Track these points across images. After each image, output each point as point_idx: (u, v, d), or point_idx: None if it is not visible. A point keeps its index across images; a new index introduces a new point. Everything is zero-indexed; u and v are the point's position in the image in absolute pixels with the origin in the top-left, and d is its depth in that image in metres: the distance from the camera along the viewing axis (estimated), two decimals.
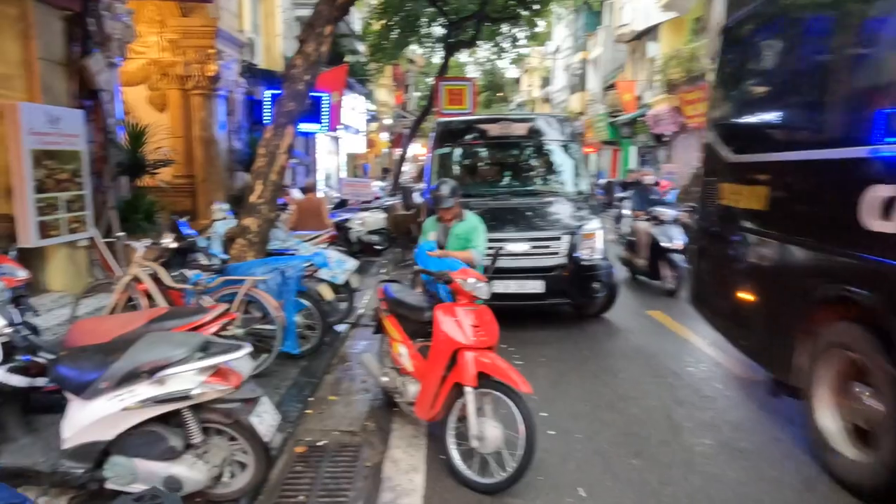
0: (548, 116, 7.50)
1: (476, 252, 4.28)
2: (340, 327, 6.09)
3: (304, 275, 4.87)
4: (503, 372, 3.22)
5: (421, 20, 19.87)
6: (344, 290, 6.15)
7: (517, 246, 5.87)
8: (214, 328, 3.26)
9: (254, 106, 11.77)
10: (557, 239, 5.98)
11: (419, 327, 3.82)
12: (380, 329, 4.41)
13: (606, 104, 29.35)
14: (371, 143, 26.05)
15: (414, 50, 27.86)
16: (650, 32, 24.25)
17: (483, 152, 7.26)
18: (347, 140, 21.27)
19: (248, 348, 2.75)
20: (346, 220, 9.94)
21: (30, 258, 6.09)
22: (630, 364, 5.36)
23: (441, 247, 4.37)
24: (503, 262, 5.92)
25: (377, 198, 13.69)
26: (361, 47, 21.02)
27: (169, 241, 4.84)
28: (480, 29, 18.99)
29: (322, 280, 5.28)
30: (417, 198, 7.11)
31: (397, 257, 11.23)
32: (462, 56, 29.74)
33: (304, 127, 11.52)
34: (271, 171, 5.36)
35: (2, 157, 5.64)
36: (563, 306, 6.46)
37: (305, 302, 5.00)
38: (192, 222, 7.59)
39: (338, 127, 14.32)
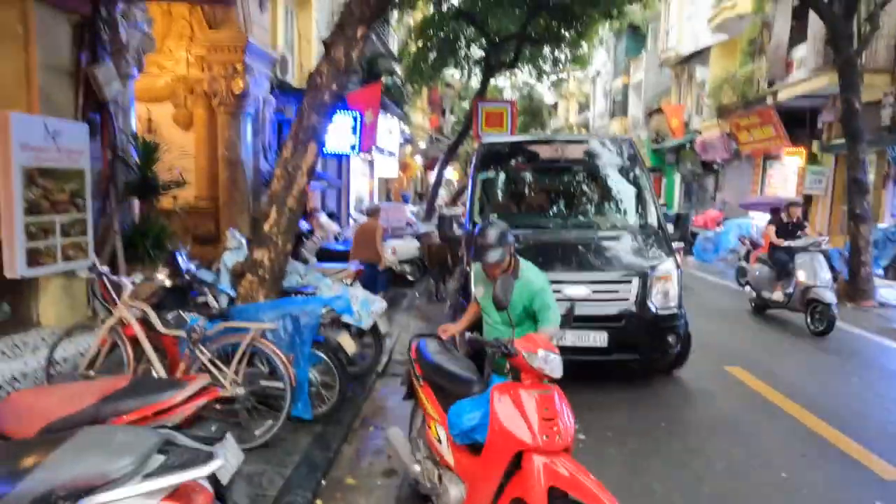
0: (606, 138, 6.54)
1: (551, 327, 3.12)
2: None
3: (322, 322, 4.00)
4: (586, 490, 2.26)
5: (460, 41, 19.33)
6: (370, 335, 5.26)
7: (576, 290, 4.91)
8: (189, 410, 2.38)
9: (283, 125, 11.16)
10: (626, 282, 4.99)
11: None
12: (412, 394, 3.50)
13: (649, 130, 28.25)
14: (405, 167, 25.44)
15: (452, 74, 27.41)
16: (698, 56, 23.21)
17: (533, 178, 6.34)
18: (381, 163, 20.66)
19: (218, 462, 1.86)
20: None
21: (18, 289, 5.40)
22: (722, 442, 4.30)
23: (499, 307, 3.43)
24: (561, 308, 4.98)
25: (409, 224, 12.89)
26: (398, 68, 20.51)
27: (161, 278, 4.04)
28: (521, 50, 18.31)
29: (344, 326, 4.38)
30: (456, 228, 6.22)
31: (430, 289, 10.34)
32: (499, 80, 29.14)
33: (335, 147, 10.82)
34: (289, 195, 4.55)
35: None
36: (629, 362, 5.43)
37: (322, 355, 4.11)
38: (214, 248, 6.84)
39: (371, 148, 13.64)
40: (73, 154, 5.52)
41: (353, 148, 10.80)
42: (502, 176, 6.43)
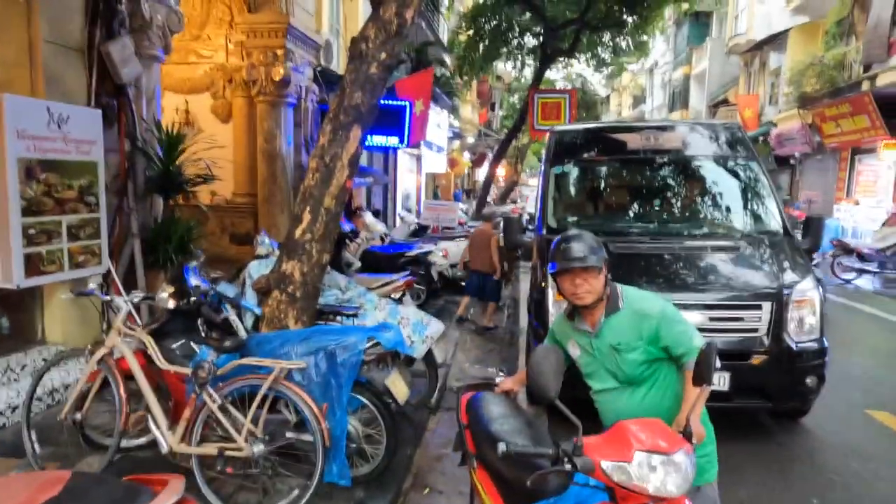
0: (710, 123, 5.36)
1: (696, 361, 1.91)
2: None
3: (366, 360, 3.05)
4: None
5: (513, 30, 18.22)
6: (422, 362, 4.30)
7: (688, 317, 3.79)
8: None
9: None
10: (754, 307, 3.84)
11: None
12: (466, 459, 2.52)
13: None
14: (453, 163, 24.48)
15: (503, 66, 26.25)
16: (773, 41, 21.33)
17: (618, 173, 5.23)
18: (429, 158, 19.75)
19: None
20: (428, 251, 8.15)
21: (20, 301, 4.69)
22: None
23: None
24: None
25: (461, 223, 11.91)
26: (447, 59, 19.53)
27: (165, 297, 3.17)
28: (579, 38, 17.07)
29: (394, 359, 3.40)
30: (518, 232, 5.17)
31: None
32: (550, 72, 27.73)
33: (382, 140, 9.93)
34: (325, 192, 3.62)
35: None
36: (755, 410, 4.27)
37: (365, 400, 3.16)
38: (252, 248, 6.02)
39: (420, 142, 12.71)
40: (84, 144, 4.77)
41: (401, 140, 9.89)
42: (580, 171, 5.34)
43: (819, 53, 16.90)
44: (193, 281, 3.28)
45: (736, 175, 4.97)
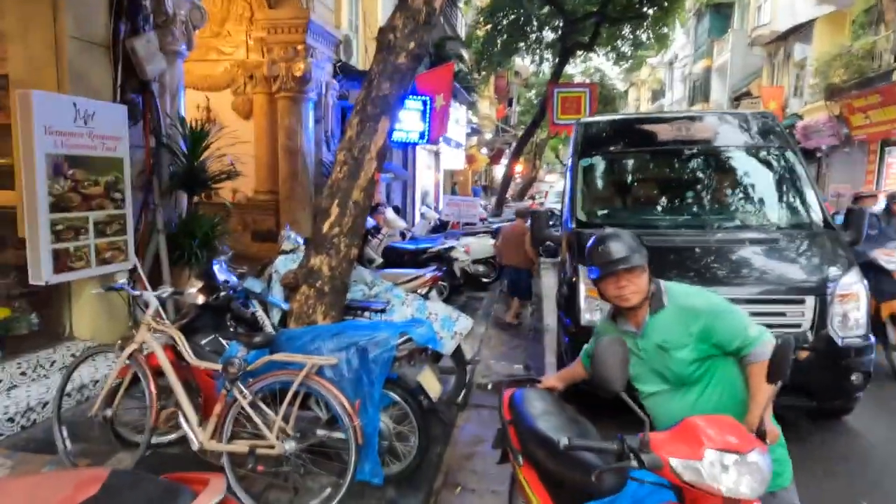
0: (742, 113, 5.21)
1: (764, 350, 1.91)
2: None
3: (398, 356, 2.98)
4: None
5: (532, 24, 18.03)
6: (451, 359, 4.22)
7: None
8: None
9: (347, 112, 10.30)
10: (797, 302, 3.70)
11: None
12: (506, 457, 2.44)
13: None
14: (471, 159, 24.37)
15: (520, 61, 26.02)
16: (797, 32, 20.87)
17: (650, 165, 5.09)
18: (447, 154, 19.66)
19: None
20: (450, 247, 8.08)
21: (48, 297, 4.70)
22: None
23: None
24: None
25: (483, 219, 11.81)
26: (465, 54, 19.41)
27: (193, 293, 3.13)
28: (599, 31, 16.84)
29: (423, 360, 3.32)
30: (545, 227, 5.05)
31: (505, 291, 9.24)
32: (568, 67, 27.39)
33: (402, 136, 9.86)
34: (354, 185, 3.56)
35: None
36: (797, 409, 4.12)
37: (396, 396, 3.10)
38: (274, 245, 5.95)
39: (441, 138, 12.63)
40: (110, 140, 4.77)
41: (421, 136, 9.82)
42: (609, 163, 5.22)
43: (847, 43, 16.48)
44: (222, 276, 3.24)
45: (771, 166, 4.81)
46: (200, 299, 3.10)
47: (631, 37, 19.14)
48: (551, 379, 2.48)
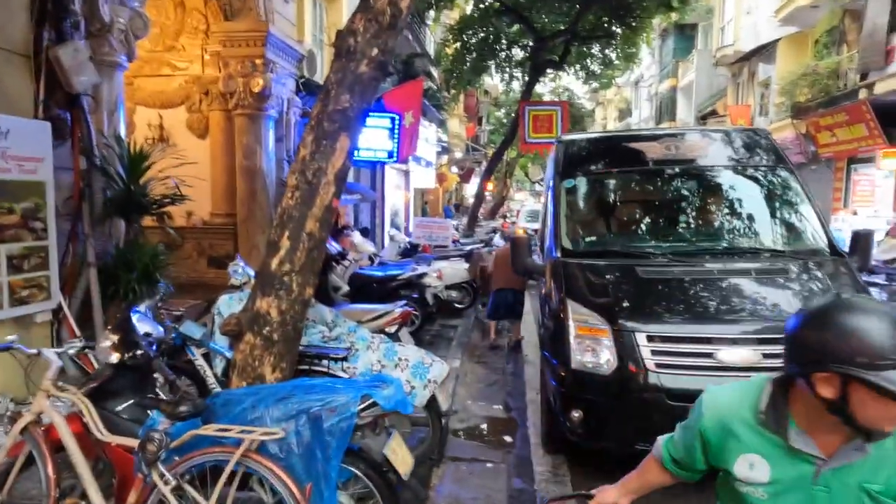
0: (736, 129, 4.86)
1: None
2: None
3: (359, 423, 2.42)
4: None
5: (501, 42, 17.86)
6: (426, 412, 3.67)
7: (735, 354, 3.25)
8: None
9: None
10: None
11: None
12: None
13: None
14: (441, 178, 23.98)
15: (489, 80, 25.90)
16: (761, 52, 21.19)
17: (640, 186, 4.68)
18: (417, 173, 19.20)
19: None
20: (422, 273, 7.55)
21: None
22: None
23: None
24: (710, 383, 3.34)
25: (455, 240, 11.32)
26: (435, 72, 19.11)
27: (105, 349, 2.53)
28: (569, 49, 16.73)
29: (390, 426, 2.75)
30: (527, 255, 4.58)
31: (482, 319, 8.74)
32: (538, 86, 27.34)
33: (369, 155, 9.36)
34: (308, 213, 3.02)
35: None
36: None
37: (357, 472, 2.53)
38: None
39: (410, 156, 12.16)
40: (28, 161, 4.14)
41: (390, 155, 9.33)
42: (594, 185, 4.80)
43: (810, 63, 16.69)
44: (144, 327, 2.65)
45: (770, 186, 4.46)
46: (114, 357, 2.51)
47: (601, 55, 19.16)
48: (611, 492, 1.67)
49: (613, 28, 17.04)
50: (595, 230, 4.59)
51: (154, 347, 2.61)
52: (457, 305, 8.90)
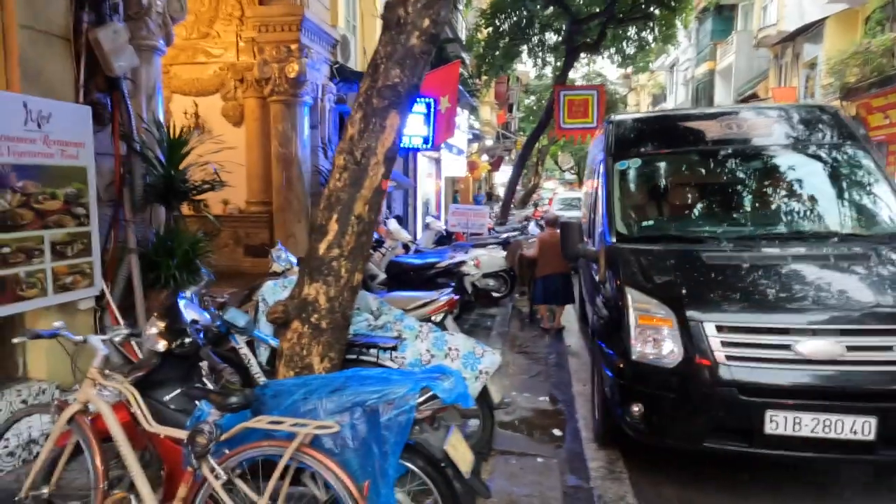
0: (804, 106, 4.53)
1: None
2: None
3: (417, 417, 2.28)
4: None
5: (534, 26, 17.44)
6: (477, 404, 3.51)
7: (816, 345, 2.99)
8: None
9: (346, 116, 9.62)
10: None
11: None
12: None
13: None
14: (472, 166, 23.73)
15: (522, 66, 25.50)
16: (807, 31, 20.32)
17: (700, 167, 4.41)
18: (448, 161, 19.00)
19: None
20: (460, 261, 7.38)
21: None
22: None
23: None
24: (787, 376, 3.10)
25: (491, 228, 11.10)
26: (467, 58, 18.80)
27: (152, 337, 2.43)
28: (605, 32, 16.24)
29: (448, 420, 2.59)
30: (578, 241, 4.35)
31: (520, 308, 8.54)
32: (571, 72, 26.75)
33: (404, 141, 9.19)
34: (357, 195, 2.87)
35: None
36: None
37: (413, 467, 2.39)
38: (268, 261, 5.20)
39: (443, 143, 11.96)
40: (70, 146, 4.08)
41: (425, 141, 9.14)
42: (649, 166, 4.54)
43: (859, 42, 15.90)
44: (190, 314, 2.54)
45: (841, 166, 4.14)
46: (161, 345, 2.41)
47: (637, 38, 18.59)
48: None
49: (651, 9, 16.47)
50: (651, 214, 4.34)
51: (201, 335, 2.50)
52: (494, 294, 8.71)
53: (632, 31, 18.29)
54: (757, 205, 4.11)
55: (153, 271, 4.76)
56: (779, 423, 2.98)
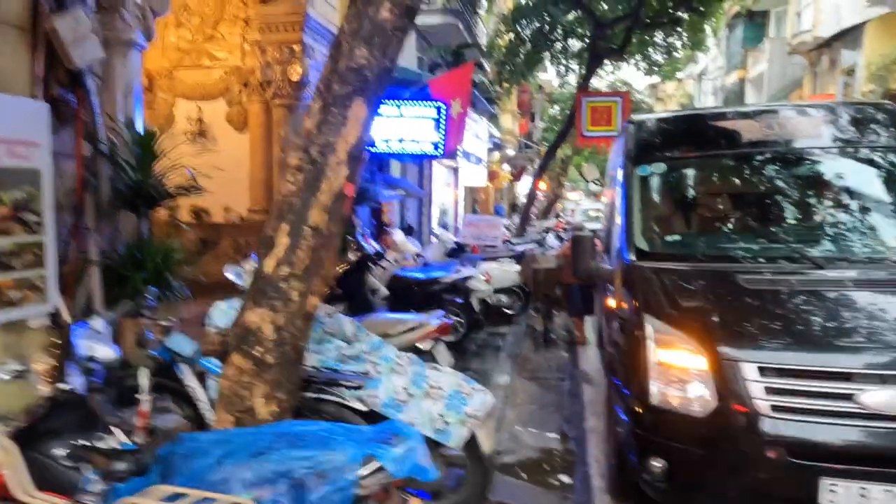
0: (855, 104, 3.89)
1: None
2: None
3: (360, 494, 1.73)
4: None
5: (556, 32, 16.90)
6: (465, 452, 2.94)
7: (889, 396, 2.37)
8: None
9: None
10: None
11: None
12: None
13: None
14: (493, 176, 23.17)
15: (544, 74, 24.89)
16: (845, 37, 19.38)
17: (734, 174, 3.79)
18: (466, 170, 18.48)
19: None
20: (467, 276, 6.81)
21: None
22: None
23: None
24: (850, 434, 2.47)
25: (506, 240, 10.52)
26: (486, 65, 18.33)
27: (35, 371, 1.92)
28: (630, 38, 15.62)
29: (405, 497, 2.01)
30: (591, 257, 3.75)
31: (535, 327, 7.93)
32: (595, 80, 26.08)
33: (414, 147, 8.68)
34: (312, 202, 2.36)
35: None
36: None
37: None
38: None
39: (456, 150, 11.44)
40: (19, 146, 3.65)
41: (435, 147, 8.63)
42: (675, 173, 3.93)
43: None
44: (91, 349, 2.03)
45: None
46: (46, 390, 1.91)
47: (664, 44, 17.93)
48: None
49: (679, 13, 15.81)
50: (677, 228, 3.74)
51: (100, 376, 2.00)
52: (506, 311, 8.12)
53: (658, 36, 17.67)
54: (802, 218, 3.48)
55: (120, 285, 4.32)
56: (839, 494, 2.36)
